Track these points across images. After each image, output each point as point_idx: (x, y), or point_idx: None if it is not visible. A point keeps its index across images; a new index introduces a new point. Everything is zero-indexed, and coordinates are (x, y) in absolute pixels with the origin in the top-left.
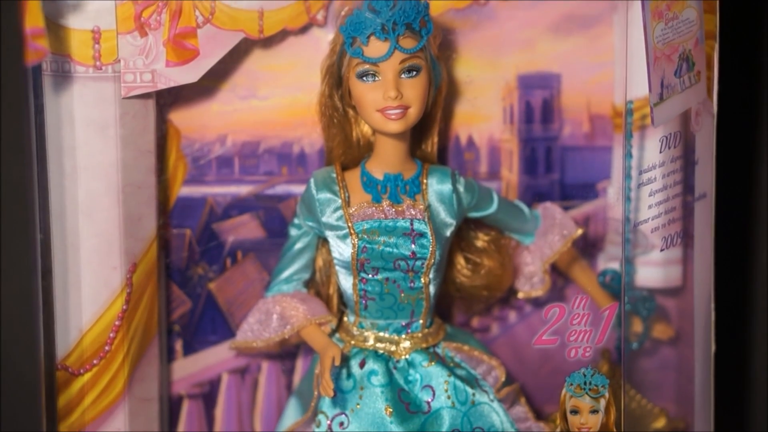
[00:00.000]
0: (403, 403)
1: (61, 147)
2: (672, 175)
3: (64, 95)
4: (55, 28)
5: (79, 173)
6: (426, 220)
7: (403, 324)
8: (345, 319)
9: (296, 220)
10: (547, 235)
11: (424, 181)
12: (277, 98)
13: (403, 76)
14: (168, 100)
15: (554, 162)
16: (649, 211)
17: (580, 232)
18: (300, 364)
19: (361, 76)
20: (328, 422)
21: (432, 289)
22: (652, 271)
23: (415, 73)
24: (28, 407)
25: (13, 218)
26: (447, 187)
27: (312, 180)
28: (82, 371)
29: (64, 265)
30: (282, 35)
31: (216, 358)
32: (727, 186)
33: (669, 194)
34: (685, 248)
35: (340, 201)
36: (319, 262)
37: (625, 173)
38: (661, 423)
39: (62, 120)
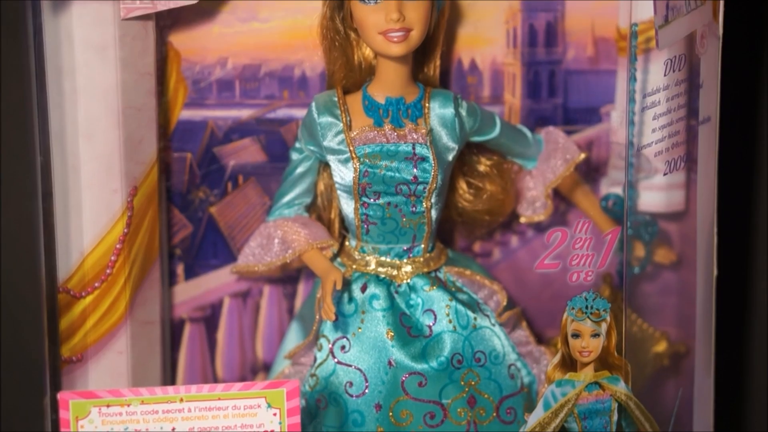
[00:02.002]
0: (405, 327)
1: (60, 68)
2: (676, 98)
3: (63, 16)
4: None
5: (78, 95)
6: (428, 144)
7: (405, 248)
8: (346, 243)
9: (297, 144)
10: (549, 160)
11: (427, 104)
12: (278, 21)
13: None
14: (168, 21)
15: (557, 86)
16: (653, 135)
17: (582, 156)
18: (301, 289)
19: None
20: (330, 346)
21: (434, 213)
22: (655, 195)
23: None
24: (30, 330)
25: (13, 140)
26: (449, 111)
27: (313, 104)
28: (83, 294)
29: (65, 188)
30: None
31: (217, 282)
32: (731, 109)
33: (673, 118)
34: (689, 172)
35: (341, 125)
36: (321, 187)
37: (629, 97)
38: (662, 347)
39: (61, 41)
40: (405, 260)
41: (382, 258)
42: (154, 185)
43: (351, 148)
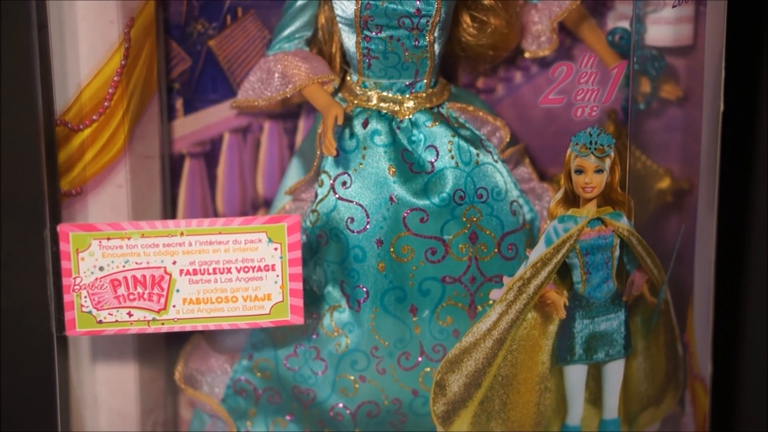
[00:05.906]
0: (407, 163)
1: None
2: None
3: None
4: None
5: None
6: None
7: (407, 83)
8: (348, 78)
9: None
10: None
11: None
12: None
13: None
14: None
15: None
16: None
17: None
18: (302, 124)
19: None
20: (331, 181)
21: (437, 48)
22: (663, 29)
23: None
24: (28, 163)
25: None
26: None
27: None
28: (81, 127)
29: (60, 19)
30: None
31: (217, 116)
32: None
33: None
34: (697, 5)
35: None
36: (322, 20)
37: None
38: (665, 183)
39: None
40: (407, 95)
41: (384, 93)
42: (152, 16)
43: None
